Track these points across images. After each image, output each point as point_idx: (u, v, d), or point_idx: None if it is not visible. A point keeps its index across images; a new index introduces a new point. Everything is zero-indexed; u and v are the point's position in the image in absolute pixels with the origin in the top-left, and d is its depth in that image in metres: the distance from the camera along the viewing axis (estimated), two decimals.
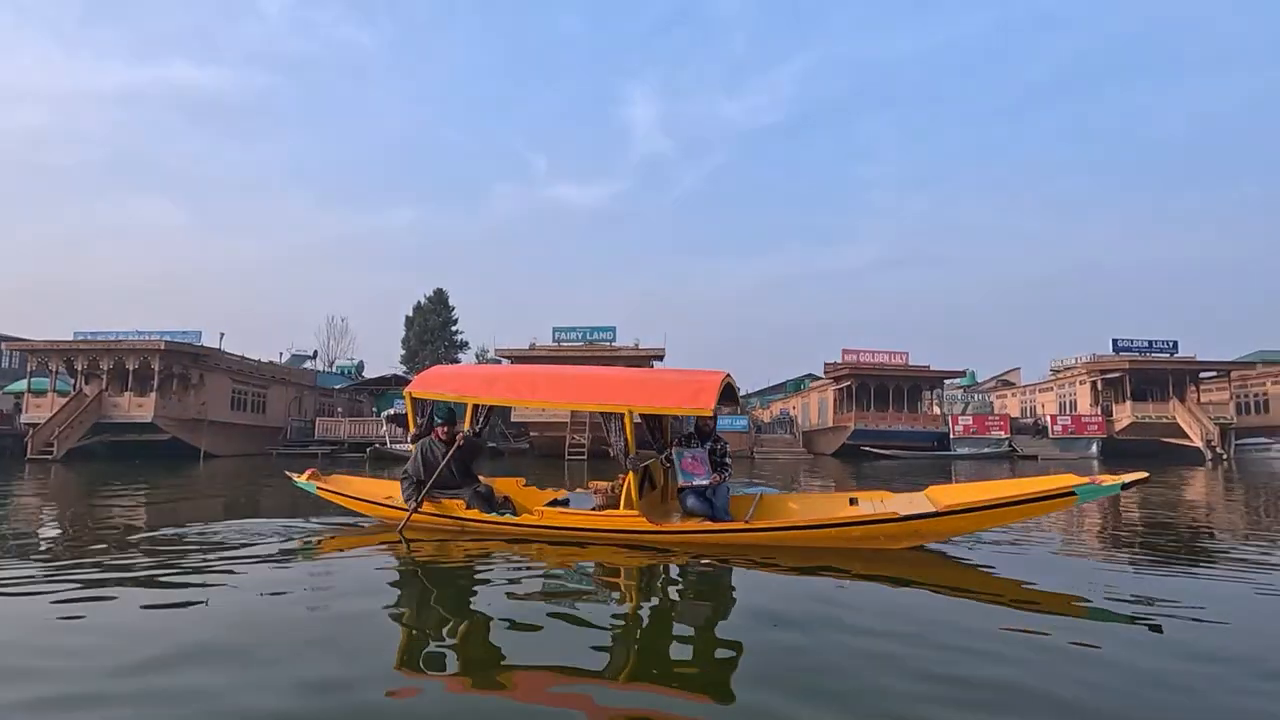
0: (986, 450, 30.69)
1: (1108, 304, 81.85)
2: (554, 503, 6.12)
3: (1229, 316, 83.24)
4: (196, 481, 14.61)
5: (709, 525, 5.44)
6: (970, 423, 32.71)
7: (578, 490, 6.72)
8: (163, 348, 26.78)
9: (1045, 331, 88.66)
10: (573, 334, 30.93)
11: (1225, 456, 28.37)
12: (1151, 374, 32.45)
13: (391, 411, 28.53)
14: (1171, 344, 33.68)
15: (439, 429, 6.21)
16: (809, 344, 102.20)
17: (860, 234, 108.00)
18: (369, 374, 41.22)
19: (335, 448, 30.64)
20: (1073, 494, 4.36)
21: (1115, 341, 33.90)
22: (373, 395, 36.07)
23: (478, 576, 4.63)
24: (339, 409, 35.65)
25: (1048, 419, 33.12)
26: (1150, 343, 33.69)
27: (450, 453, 6.05)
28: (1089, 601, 3.92)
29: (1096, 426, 31.57)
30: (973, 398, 44.79)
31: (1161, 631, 3.33)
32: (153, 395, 26.60)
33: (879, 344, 37.22)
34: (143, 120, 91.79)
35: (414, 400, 6.28)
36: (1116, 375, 32.58)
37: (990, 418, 33.77)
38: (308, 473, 6.86)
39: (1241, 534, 6.87)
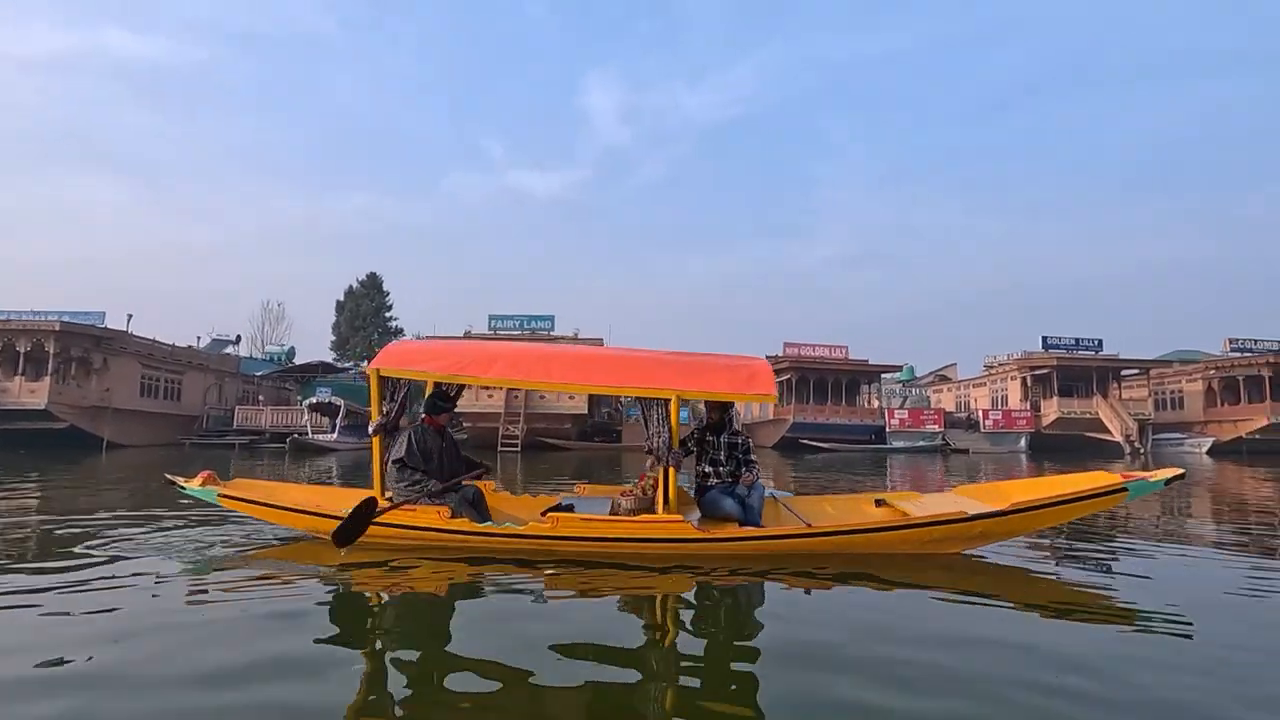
0: (920, 444, 31.17)
1: (1047, 303, 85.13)
2: (554, 509, 4.99)
3: (1152, 318, 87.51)
4: (91, 473, 13.27)
5: (767, 531, 4.73)
6: (906, 417, 33.21)
7: (563, 496, 5.70)
8: (58, 329, 24.74)
9: (987, 328, 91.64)
10: (509, 322, 30.04)
11: (1143, 451, 29.50)
12: (1077, 371, 33.53)
13: (314, 400, 27.09)
14: (1097, 342, 34.85)
15: (439, 416, 5.14)
16: (760, 337, 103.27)
17: (816, 231, 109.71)
18: (305, 362, 39.36)
19: (255, 438, 29.10)
20: (1124, 490, 4.39)
21: (1045, 339, 34.88)
22: (299, 383, 34.38)
23: (476, 611, 3.59)
24: (261, 397, 33.86)
25: (980, 414, 33.87)
26: (1077, 340, 34.80)
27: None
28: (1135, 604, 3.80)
29: (1025, 421, 32.41)
30: (911, 392, 45.68)
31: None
32: (47, 380, 24.54)
33: (829, 338, 37.60)
34: (78, 91, 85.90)
35: (380, 379, 4.96)
36: (1045, 372, 33.57)
37: (925, 412, 34.38)
38: (201, 476, 5.20)
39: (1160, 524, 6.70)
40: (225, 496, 5.09)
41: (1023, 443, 31.60)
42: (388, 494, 4.83)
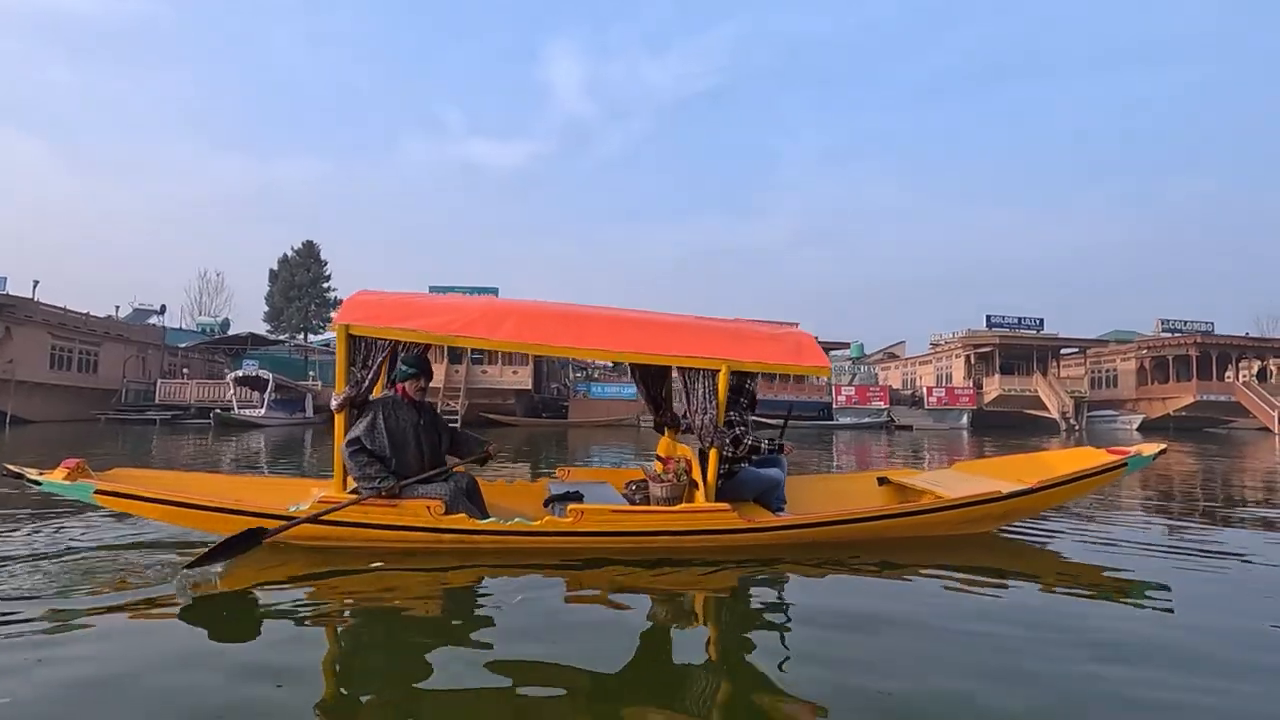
0: (866, 420, 31.43)
1: (994, 281, 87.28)
2: (561, 498, 4.24)
3: (1090, 299, 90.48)
4: None
5: (815, 517, 4.28)
6: (853, 393, 33.43)
7: (551, 483, 4.86)
8: None
9: (937, 306, 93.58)
10: (452, 293, 28.92)
11: (1078, 427, 30.29)
12: (1019, 349, 34.22)
13: (240, 373, 25.69)
14: (1038, 321, 35.61)
15: (408, 384, 4.04)
16: (714, 313, 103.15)
17: (772, 208, 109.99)
18: (234, 333, 37.47)
19: (178, 413, 27.50)
20: (1125, 465, 4.60)
21: (989, 317, 35.48)
22: (230, 355, 32.74)
23: (488, 631, 2.83)
24: (186, 370, 32.09)
25: (925, 390, 34.34)
26: (1019, 319, 35.49)
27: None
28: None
29: (968, 398, 32.97)
30: (860, 369, 46.18)
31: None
32: None
33: (781, 315, 37.44)
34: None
35: (350, 339, 3.86)
36: (988, 350, 34.15)
37: (872, 388, 34.66)
38: (65, 466, 3.80)
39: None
40: (105, 494, 3.79)
41: (964, 419, 32.17)
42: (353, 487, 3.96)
